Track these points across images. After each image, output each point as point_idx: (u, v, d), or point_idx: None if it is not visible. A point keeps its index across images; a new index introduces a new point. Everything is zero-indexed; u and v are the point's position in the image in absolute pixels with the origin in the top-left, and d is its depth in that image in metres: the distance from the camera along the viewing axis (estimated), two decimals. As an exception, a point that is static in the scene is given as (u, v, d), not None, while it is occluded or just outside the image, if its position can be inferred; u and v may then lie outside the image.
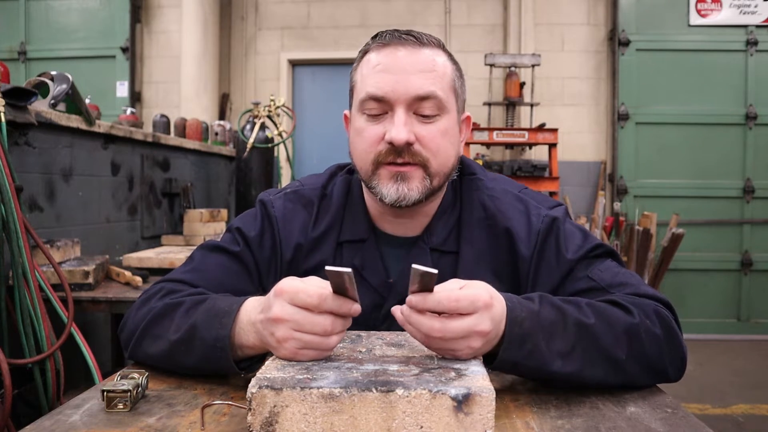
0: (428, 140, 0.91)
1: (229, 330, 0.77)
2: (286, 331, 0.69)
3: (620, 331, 0.77)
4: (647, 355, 0.78)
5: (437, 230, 0.99)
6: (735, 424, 2.96)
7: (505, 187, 1.02)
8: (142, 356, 0.88)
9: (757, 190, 4.80)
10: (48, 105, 2.30)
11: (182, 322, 0.82)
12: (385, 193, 0.91)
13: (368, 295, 0.97)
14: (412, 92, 0.89)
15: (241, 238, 1.01)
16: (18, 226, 1.71)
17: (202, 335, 0.79)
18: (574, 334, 0.75)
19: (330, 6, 5.36)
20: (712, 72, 4.83)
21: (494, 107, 5.05)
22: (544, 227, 0.95)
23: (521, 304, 0.74)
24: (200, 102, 4.96)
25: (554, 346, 0.73)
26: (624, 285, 0.88)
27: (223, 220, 3.40)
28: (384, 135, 0.90)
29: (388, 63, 0.91)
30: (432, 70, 0.91)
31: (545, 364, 0.73)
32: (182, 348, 0.81)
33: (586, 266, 0.92)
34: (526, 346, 0.72)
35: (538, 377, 0.77)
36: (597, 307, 0.79)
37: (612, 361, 0.76)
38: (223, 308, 0.80)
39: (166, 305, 0.87)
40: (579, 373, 0.75)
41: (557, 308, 0.76)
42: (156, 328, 0.85)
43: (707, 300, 4.85)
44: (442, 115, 0.92)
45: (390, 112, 0.91)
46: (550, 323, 0.74)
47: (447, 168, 0.95)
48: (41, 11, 5.36)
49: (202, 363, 0.80)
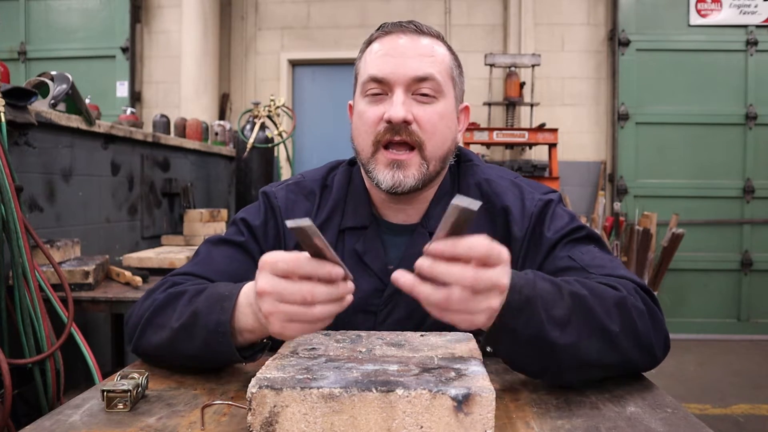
0: (425, 121, 0.93)
1: (230, 314, 0.77)
2: (271, 304, 0.68)
3: (611, 304, 0.77)
4: (637, 328, 0.78)
5: (435, 216, 1.01)
6: (735, 424, 2.96)
7: (501, 173, 1.06)
8: (145, 346, 0.87)
9: (757, 190, 4.80)
10: (48, 105, 2.30)
11: (184, 309, 0.82)
12: (381, 179, 0.94)
13: (369, 280, 0.99)
14: (410, 73, 0.93)
15: (245, 228, 1.02)
16: (18, 226, 1.71)
17: (204, 321, 0.79)
18: (570, 303, 0.74)
19: (330, 6, 5.36)
20: (712, 72, 4.83)
21: (494, 107, 5.06)
22: (537, 210, 0.98)
23: (517, 274, 0.72)
24: (200, 102, 4.96)
25: (552, 314, 0.72)
26: (601, 267, 0.89)
27: (223, 220, 3.41)
28: (383, 115, 0.93)
29: (390, 48, 0.96)
30: (431, 55, 0.95)
31: (543, 332, 0.70)
32: (184, 335, 0.81)
33: (569, 247, 0.94)
34: (524, 312, 0.70)
35: (534, 350, 0.72)
36: (586, 282, 0.80)
37: (606, 334, 0.75)
38: (224, 293, 0.80)
39: (169, 294, 0.87)
40: (576, 344, 0.73)
41: (550, 281, 0.75)
42: (159, 317, 0.86)
43: (707, 300, 4.85)
44: (439, 99, 0.95)
45: (390, 93, 0.94)
46: (547, 292, 0.73)
47: (442, 151, 0.97)
48: (41, 11, 5.36)
49: (204, 350, 0.80)
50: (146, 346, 0.87)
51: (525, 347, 0.72)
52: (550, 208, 0.98)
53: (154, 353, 0.87)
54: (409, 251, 1.00)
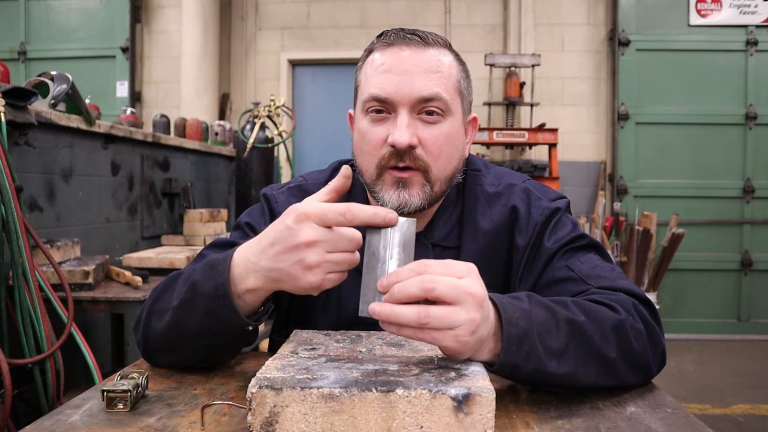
0: (431, 143, 0.90)
1: (227, 276, 0.75)
2: (319, 255, 0.68)
3: (608, 329, 0.76)
4: (634, 351, 0.78)
5: (439, 226, 0.99)
6: (735, 424, 2.96)
7: (509, 181, 1.02)
8: (153, 337, 0.85)
9: (757, 190, 4.80)
10: (48, 105, 2.30)
11: (182, 287, 0.81)
12: (387, 200, 0.91)
13: None
14: (415, 94, 0.88)
15: (252, 233, 1.00)
16: (18, 226, 1.71)
17: (202, 290, 0.77)
18: (566, 332, 0.73)
19: (330, 6, 5.36)
20: (712, 72, 4.83)
21: (494, 107, 5.06)
22: (543, 219, 0.96)
23: (512, 304, 0.72)
24: (200, 102, 4.96)
25: (548, 346, 0.71)
26: (600, 278, 0.88)
27: (223, 220, 3.40)
28: (387, 137, 0.89)
29: (392, 63, 0.90)
30: (437, 70, 0.90)
31: (541, 366, 0.71)
32: (186, 310, 0.79)
33: (568, 256, 0.92)
34: (523, 347, 0.70)
35: (534, 381, 0.75)
36: (583, 305, 0.78)
37: (603, 360, 0.75)
38: (218, 258, 0.78)
39: (168, 278, 0.87)
40: (573, 374, 0.73)
41: (546, 307, 0.74)
42: (160, 303, 0.85)
43: (707, 300, 4.85)
44: (446, 118, 0.91)
45: (393, 113, 0.90)
46: (542, 322, 0.72)
47: (448, 173, 0.94)
48: (41, 11, 5.36)
49: (208, 321, 0.77)
50: (153, 336, 0.85)
51: (525, 379, 0.75)
52: (555, 216, 0.96)
53: (162, 342, 0.84)
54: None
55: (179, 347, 0.84)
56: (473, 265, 0.67)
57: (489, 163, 1.08)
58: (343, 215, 0.67)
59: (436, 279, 0.64)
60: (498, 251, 0.98)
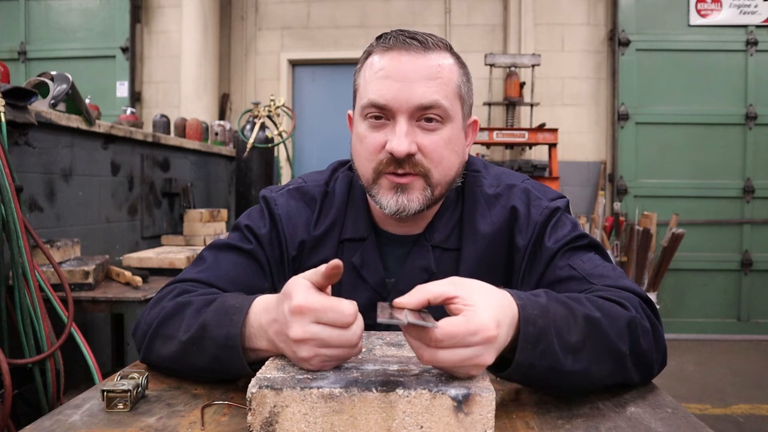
0: (430, 150, 0.89)
1: (240, 328, 0.74)
2: (312, 350, 0.66)
3: (623, 325, 0.76)
4: (642, 349, 0.78)
5: (439, 228, 0.99)
6: (735, 424, 2.96)
7: (508, 181, 1.02)
8: (155, 358, 0.85)
9: (757, 190, 4.80)
10: (48, 105, 2.30)
11: (192, 321, 0.80)
12: (385, 204, 0.91)
13: (366, 294, 0.97)
14: (414, 101, 0.87)
15: (252, 236, 1.00)
16: (18, 226, 1.71)
17: (213, 334, 0.76)
18: (584, 328, 0.72)
19: (330, 6, 5.36)
20: (712, 72, 4.83)
21: (494, 107, 5.06)
22: (543, 219, 0.95)
23: (531, 300, 0.71)
24: (200, 102, 4.96)
25: (565, 342, 0.70)
26: (603, 277, 0.87)
27: (223, 220, 3.40)
28: (385, 143, 0.89)
29: (391, 69, 0.88)
30: (436, 77, 0.89)
31: (557, 362, 0.69)
32: (193, 348, 0.78)
33: (569, 256, 0.91)
34: (540, 345, 0.68)
35: (546, 381, 0.72)
36: (596, 301, 0.77)
37: (616, 357, 0.75)
38: (234, 305, 0.77)
39: (176, 304, 0.85)
40: (587, 370, 0.72)
41: (563, 303, 0.73)
42: (167, 328, 0.83)
43: (707, 300, 4.85)
44: (445, 124, 0.90)
45: (392, 120, 0.89)
46: (561, 318, 0.71)
47: (449, 177, 0.94)
48: (41, 11, 5.36)
49: (214, 364, 0.77)
50: (156, 356, 0.84)
51: (539, 377, 0.71)
52: (555, 216, 0.96)
53: (165, 365, 0.84)
54: (410, 265, 0.98)
55: (182, 372, 0.83)
56: (491, 318, 0.64)
57: (488, 163, 1.08)
58: (345, 317, 0.66)
59: (441, 358, 0.62)
60: (498, 252, 0.98)
